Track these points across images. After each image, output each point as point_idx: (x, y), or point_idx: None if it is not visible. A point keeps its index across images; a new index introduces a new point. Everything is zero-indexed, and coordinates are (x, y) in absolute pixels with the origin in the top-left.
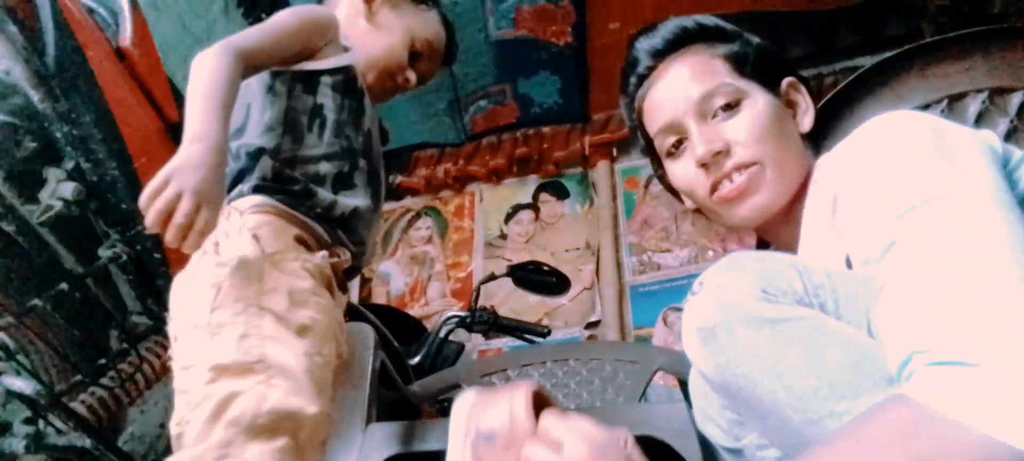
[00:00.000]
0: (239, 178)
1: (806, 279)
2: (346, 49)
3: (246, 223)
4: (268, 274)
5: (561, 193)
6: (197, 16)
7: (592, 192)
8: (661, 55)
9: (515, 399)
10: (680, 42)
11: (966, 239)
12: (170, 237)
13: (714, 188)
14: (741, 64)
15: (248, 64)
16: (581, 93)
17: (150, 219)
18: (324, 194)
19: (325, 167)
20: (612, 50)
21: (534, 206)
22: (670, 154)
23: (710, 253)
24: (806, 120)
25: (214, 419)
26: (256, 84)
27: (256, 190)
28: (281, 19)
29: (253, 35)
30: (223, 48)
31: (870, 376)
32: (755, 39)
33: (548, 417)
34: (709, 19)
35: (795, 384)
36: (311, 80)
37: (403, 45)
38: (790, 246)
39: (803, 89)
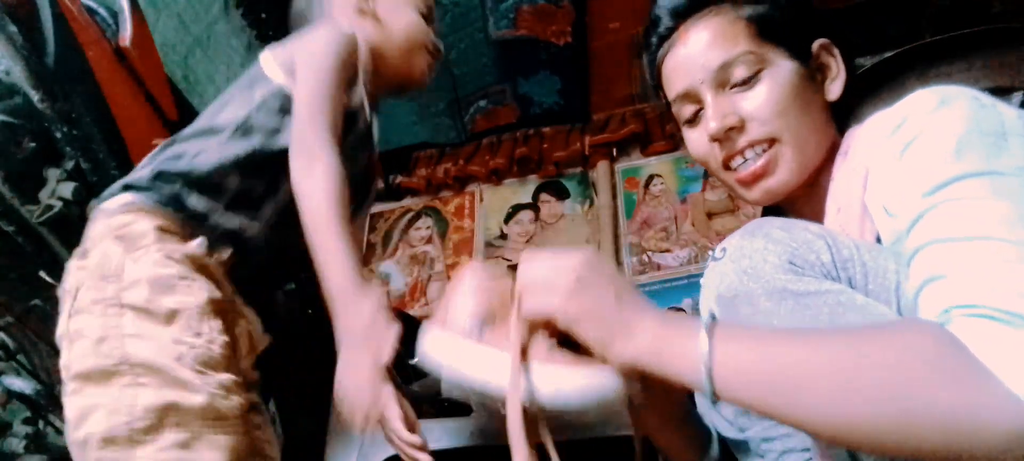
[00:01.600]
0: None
1: (834, 251)
2: (358, 77)
3: (112, 225)
4: (127, 269)
5: (561, 193)
6: (197, 16)
7: (592, 192)
8: (683, 15)
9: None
10: (704, 2)
11: (1008, 213)
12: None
13: (727, 164)
14: (767, 27)
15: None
16: (581, 93)
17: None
18: (197, 203)
19: (232, 180)
20: (612, 50)
21: (534, 206)
22: (688, 121)
23: (710, 253)
24: (835, 87)
25: (81, 441)
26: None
27: (126, 188)
28: (324, 69)
29: (326, 105)
30: (330, 144)
31: None
32: (800, 5)
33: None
34: None
35: None
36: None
37: (416, 14)
38: (813, 219)
39: (836, 52)
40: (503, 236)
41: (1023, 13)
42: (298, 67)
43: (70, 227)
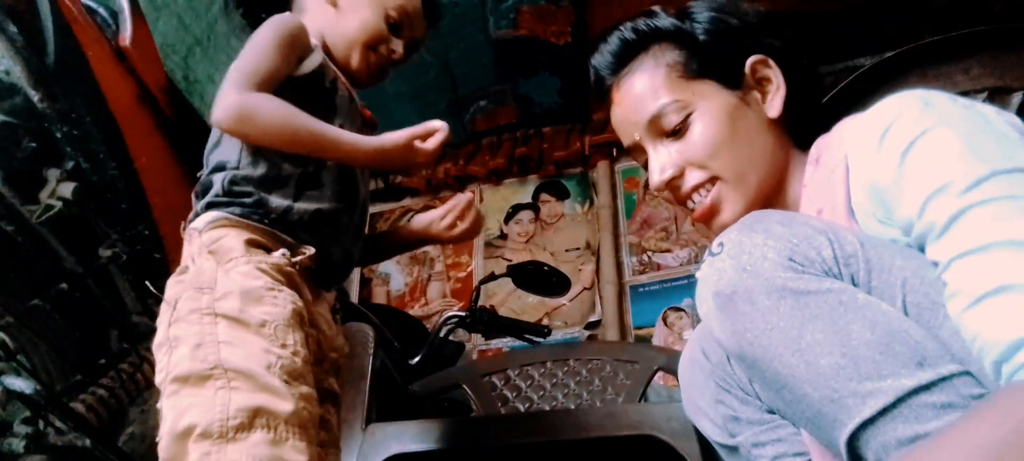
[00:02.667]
0: (203, 194)
1: (837, 247)
2: (311, 49)
3: (204, 241)
4: (220, 282)
5: (561, 193)
6: (197, 16)
7: (592, 192)
8: (614, 71)
9: None
10: (626, 55)
11: None
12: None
13: (683, 203)
14: (688, 67)
15: (263, 87)
16: (581, 93)
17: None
18: (277, 201)
19: (288, 167)
20: None
21: (534, 206)
22: (645, 166)
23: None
24: (775, 104)
25: (179, 438)
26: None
27: (209, 207)
28: (259, 40)
29: (251, 63)
30: (247, 91)
31: (899, 357)
32: (706, 24)
33: None
34: (651, 20)
35: (817, 360)
36: (277, 92)
37: (376, 16)
38: None
39: (772, 65)
40: (503, 236)
41: (1023, 13)
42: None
43: (70, 227)
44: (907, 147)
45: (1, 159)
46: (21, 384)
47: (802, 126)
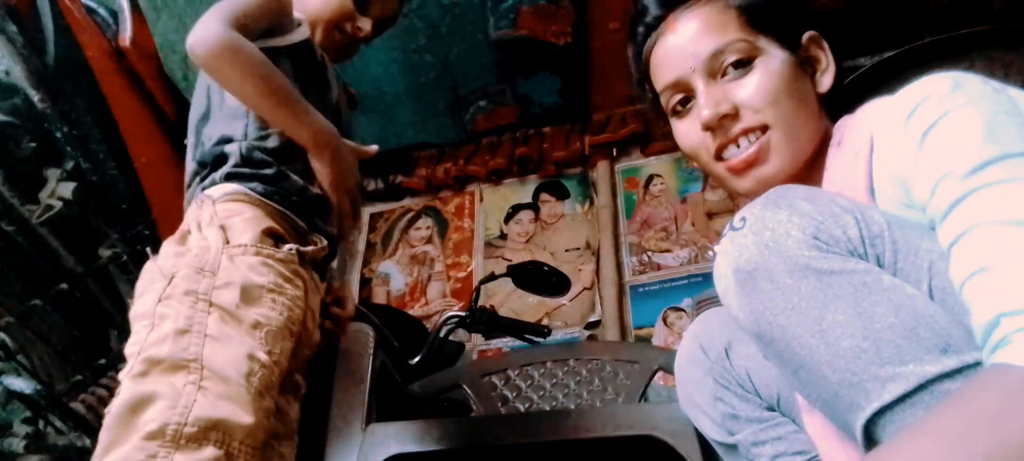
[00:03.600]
0: (208, 166)
1: (863, 227)
2: (299, 24)
3: (218, 212)
4: (223, 268)
5: (561, 193)
6: (197, 16)
7: (592, 192)
8: (671, 5)
9: None
10: None
11: None
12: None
13: (719, 154)
14: (757, 16)
15: (243, 33)
16: (581, 93)
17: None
18: (296, 178)
19: (296, 145)
20: (612, 50)
21: (534, 206)
22: (676, 112)
23: (710, 253)
24: (826, 79)
25: (130, 420)
26: None
27: (229, 177)
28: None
29: (237, 6)
30: (230, 26)
31: (923, 343)
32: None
33: None
34: None
35: (837, 342)
36: (272, 56)
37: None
38: None
39: (825, 45)
40: (503, 236)
41: (1023, 13)
42: None
43: (70, 227)
44: (929, 128)
45: (1, 159)
46: (21, 384)
47: (834, 109)
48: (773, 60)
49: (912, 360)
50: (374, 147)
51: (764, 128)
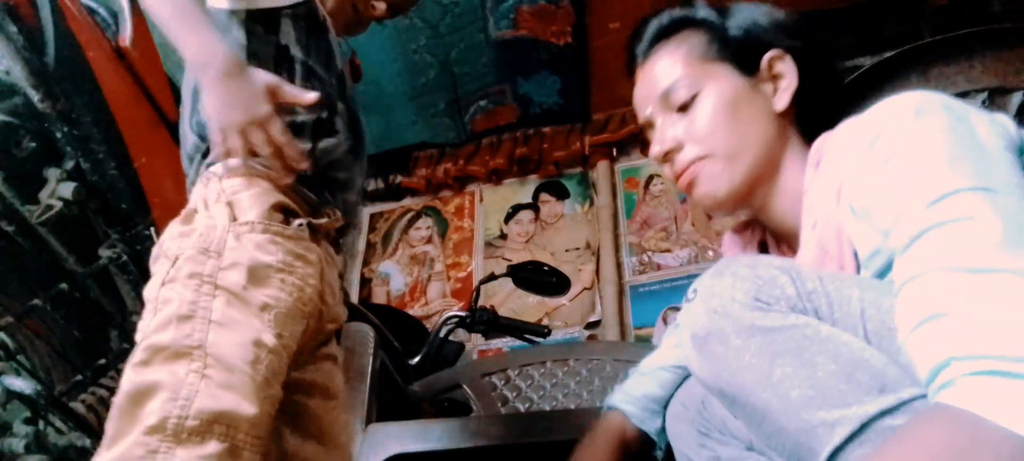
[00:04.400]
0: (208, 139)
1: (799, 284)
2: None
3: (224, 188)
4: (229, 248)
5: (561, 193)
6: None
7: (592, 192)
8: (645, 53)
9: None
10: (658, 38)
11: (1005, 238)
12: (278, 174)
13: (677, 178)
14: (710, 48)
15: None
16: (581, 93)
17: (229, 157)
18: (303, 144)
19: (302, 115)
20: (612, 50)
21: (534, 206)
22: (649, 143)
23: (710, 253)
24: (781, 98)
25: (132, 412)
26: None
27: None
28: None
29: None
30: None
31: (862, 386)
32: (734, 15)
33: None
34: (686, 10)
35: (787, 393)
36: (271, 19)
37: None
38: (789, 229)
39: (788, 61)
40: (503, 236)
41: (1023, 13)
42: None
43: (70, 227)
44: (889, 158)
45: (1, 159)
46: (21, 384)
47: (815, 124)
48: (717, 90)
49: (854, 402)
50: (312, 95)
51: (704, 158)
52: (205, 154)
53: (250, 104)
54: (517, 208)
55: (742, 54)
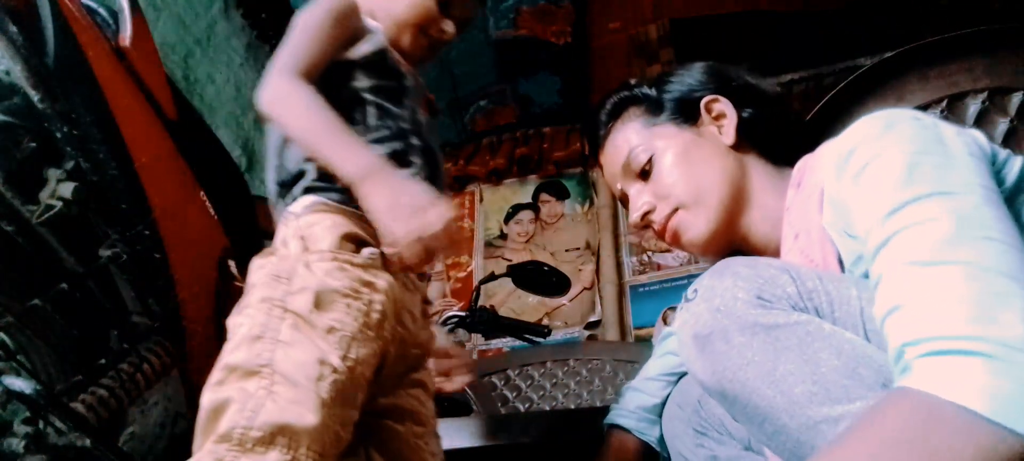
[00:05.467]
0: (288, 185)
1: (800, 284)
2: (369, 30)
3: (300, 225)
4: (298, 274)
5: (561, 193)
6: (197, 16)
7: (592, 192)
8: (602, 137)
9: None
10: (608, 119)
11: (957, 234)
12: (441, 252)
13: (661, 236)
14: (652, 115)
15: (309, 79)
16: (581, 93)
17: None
18: None
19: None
20: (612, 50)
21: (534, 206)
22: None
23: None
24: (728, 132)
25: (208, 428)
26: None
27: (307, 190)
28: (309, 23)
29: (298, 50)
30: (288, 76)
31: (865, 381)
32: (662, 81)
33: None
34: (623, 90)
35: (791, 390)
36: (346, 70)
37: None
38: (774, 250)
39: (723, 100)
40: (503, 236)
41: (1023, 13)
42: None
43: (70, 227)
44: (860, 170)
45: (1, 159)
46: (21, 384)
47: (775, 145)
48: (670, 146)
49: (858, 397)
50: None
51: (677, 209)
52: (284, 196)
53: (415, 199)
54: (517, 208)
55: (680, 110)
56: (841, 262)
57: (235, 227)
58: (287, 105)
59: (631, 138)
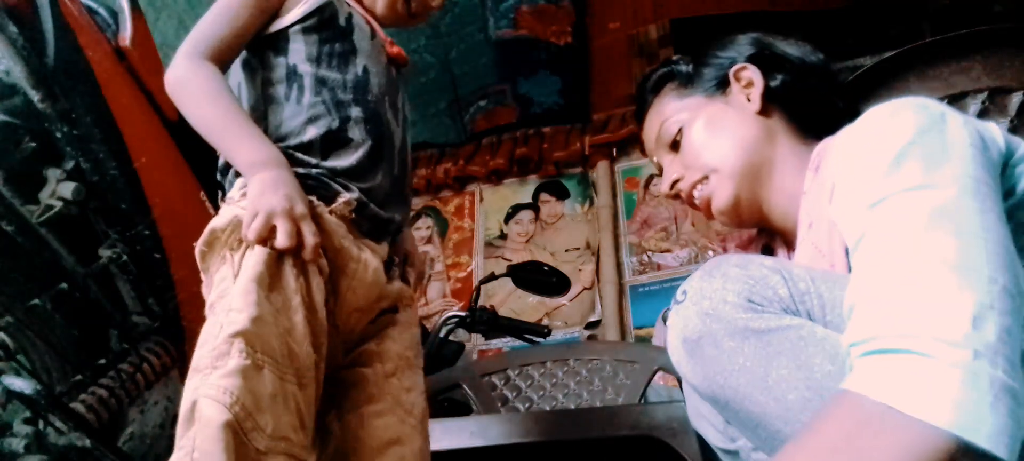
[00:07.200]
0: (226, 169)
1: (791, 285)
2: None
3: (233, 210)
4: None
5: (561, 193)
6: (197, 16)
7: (592, 192)
8: (647, 105)
9: None
10: (652, 91)
11: (924, 230)
12: (304, 255)
13: (692, 204)
14: (683, 88)
15: (218, 61)
16: (581, 93)
17: (253, 238)
18: (304, 160)
19: (311, 132)
20: (612, 50)
21: (534, 206)
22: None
23: (710, 252)
24: (754, 99)
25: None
26: (236, 64)
27: (239, 175)
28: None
29: (209, 29)
30: (190, 58)
31: None
32: (693, 55)
33: None
34: (659, 68)
35: (785, 396)
36: (280, 39)
37: None
38: (791, 230)
39: (752, 68)
40: (503, 236)
41: (1023, 13)
42: None
43: (70, 227)
44: (855, 159)
45: (1, 159)
46: (21, 384)
47: (806, 115)
48: (696, 118)
49: None
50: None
51: (705, 178)
52: (223, 188)
53: (292, 196)
54: (517, 208)
55: (711, 81)
56: (847, 252)
57: None
58: (187, 90)
59: (664, 111)
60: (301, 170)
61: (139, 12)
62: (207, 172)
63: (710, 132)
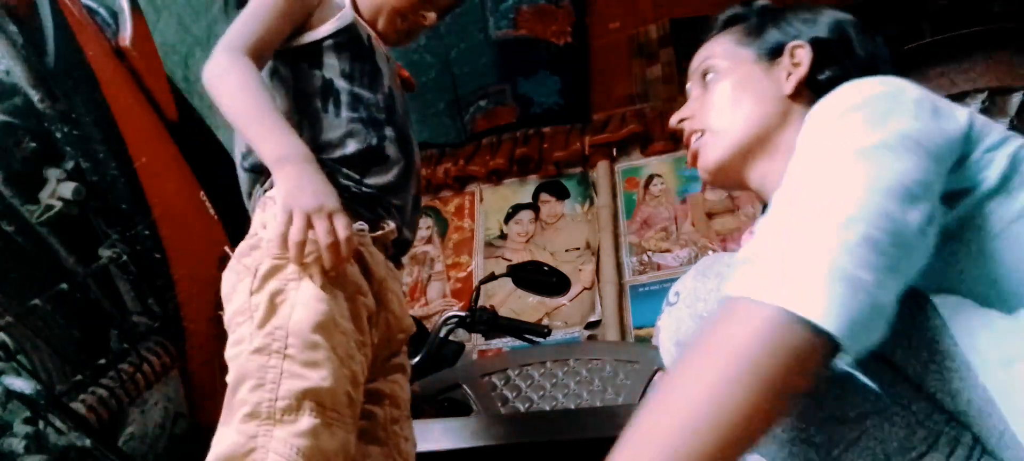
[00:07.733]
0: (263, 170)
1: None
2: (340, 7)
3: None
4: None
5: (561, 193)
6: (197, 16)
7: (592, 192)
8: (710, 34)
9: None
10: (720, 27)
11: (822, 184)
12: (328, 261)
13: (687, 145)
14: (745, 37)
15: (255, 58)
16: (581, 93)
17: (295, 256)
18: (348, 176)
19: (351, 145)
20: (612, 50)
21: (534, 206)
22: None
23: (710, 252)
24: (790, 82)
25: (232, 411)
26: (264, 73)
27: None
28: (262, 1)
29: (246, 27)
30: (231, 53)
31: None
32: (771, 10)
33: None
34: (747, 7)
35: None
36: (314, 53)
37: None
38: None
39: (807, 50)
40: (503, 236)
41: (1023, 13)
42: None
43: (70, 227)
44: (811, 122)
45: (1, 159)
46: (21, 384)
47: None
48: (730, 72)
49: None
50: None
51: (699, 131)
52: (263, 182)
53: (321, 193)
54: (517, 208)
55: (768, 43)
56: None
57: (235, 227)
58: (223, 82)
59: (715, 49)
60: (348, 184)
61: (139, 12)
62: (207, 172)
63: (733, 95)
